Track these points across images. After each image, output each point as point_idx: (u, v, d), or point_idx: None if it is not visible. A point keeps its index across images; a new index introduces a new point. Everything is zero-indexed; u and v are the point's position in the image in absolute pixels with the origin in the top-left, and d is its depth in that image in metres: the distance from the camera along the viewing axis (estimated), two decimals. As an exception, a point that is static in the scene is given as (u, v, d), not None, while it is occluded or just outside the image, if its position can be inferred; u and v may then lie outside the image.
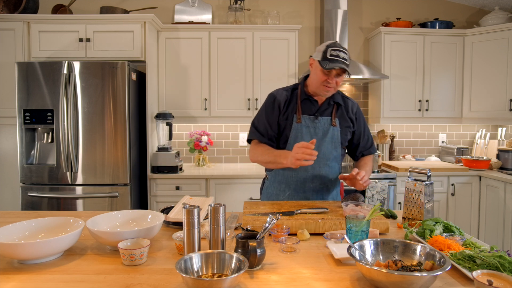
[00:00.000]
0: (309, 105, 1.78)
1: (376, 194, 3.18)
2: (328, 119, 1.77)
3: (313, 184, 1.79)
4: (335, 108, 1.80)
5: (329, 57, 1.62)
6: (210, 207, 1.13)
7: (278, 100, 1.78)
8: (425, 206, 1.48)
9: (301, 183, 1.78)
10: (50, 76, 2.83)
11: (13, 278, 1.04)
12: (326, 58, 1.63)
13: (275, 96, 1.80)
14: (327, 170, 1.79)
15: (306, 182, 1.78)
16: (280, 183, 1.82)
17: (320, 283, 1.01)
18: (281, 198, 1.82)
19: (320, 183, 1.79)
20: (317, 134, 1.75)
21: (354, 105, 1.87)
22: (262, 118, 1.81)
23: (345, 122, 1.81)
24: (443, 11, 3.88)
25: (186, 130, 3.75)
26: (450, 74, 3.60)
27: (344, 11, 3.53)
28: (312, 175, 1.77)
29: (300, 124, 1.74)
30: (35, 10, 3.27)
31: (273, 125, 1.78)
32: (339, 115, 1.80)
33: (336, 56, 1.62)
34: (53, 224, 1.32)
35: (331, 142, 1.76)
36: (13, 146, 3.04)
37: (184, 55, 3.40)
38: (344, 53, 1.63)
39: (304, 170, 1.75)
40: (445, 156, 3.83)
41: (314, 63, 1.71)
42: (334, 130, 1.77)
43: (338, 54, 1.62)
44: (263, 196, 1.92)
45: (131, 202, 2.95)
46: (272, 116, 1.78)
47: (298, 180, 1.78)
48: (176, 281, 1.01)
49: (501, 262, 1.00)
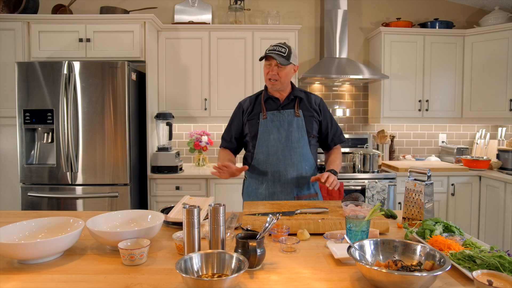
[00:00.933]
0: (272, 103, 1.93)
1: (376, 194, 3.18)
2: (292, 111, 1.91)
3: (287, 172, 1.87)
4: (298, 101, 1.93)
5: (266, 51, 1.83)
6: (210, 207, 1.13)
7: (242, 106, 2.01)
8: (425, 206, 1.48)
9: (276, 173, 1.88)
10: (50, 76, 2.83)
11: (13, 278, 1.04)
12: (265, 53, 1.83)
13: (240, 103, 2.04)
14: (299, 157, 1.88)
15: (281, 171, 1.87)
16: (257, 177, 1.93)
17: (320, 283, 1.01)
18: (260, 191, 1.90)
19: (293, 170, 1.87)
20: (283, 125, 1.88)
21: (317, 98, 2.00)
22: (229, 126, 2.05)
23: (309, 112, 1.93)
24: (443, 11, 3.88)
25: (186, 130, 3.75)
26: (450, 74, 3.60)
27: (344, 11, 3.53)
28: (285, 164, 1.87)
29: (266, 119, 1.89)
30: (35, 10, 3.27)
31: (235, 128, 2.00)
32: (302, 107, 1.93)
33: (271, 50, 1.81)
34: (53, 224, 1.32)
35: (297, 131, 1.88)
36: (13, 146, 3.05)
37: (184, 55, 3.40)
38: (281, 47, 1.82)
39: (277, 160, 1.87)
40: (445, 156, 3.83)
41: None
42: (299, 120, 1.89)
43: (274, 48, 1.82)
44: (245, 195, 2.02)
45: (131, 202, 2.95)
46: (235, 121, 2.01)
47: (273, 170, 1.88)
48: (176, 281, 1.01)
49: (501, 262, 1.00)
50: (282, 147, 1.86)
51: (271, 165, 1.87)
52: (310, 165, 1.92)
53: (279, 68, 1.81)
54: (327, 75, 3.34)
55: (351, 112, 3.90)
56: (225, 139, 2.05)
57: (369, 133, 3.89)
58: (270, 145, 1.87)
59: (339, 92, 3.89)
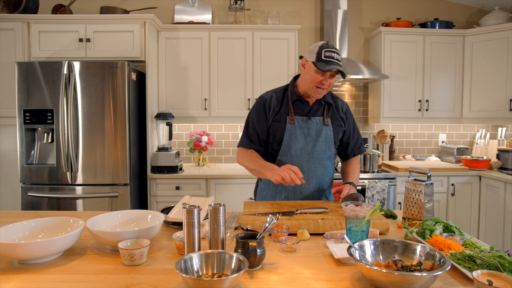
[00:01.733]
0: (301, 106, 1.78)
1: (376, 194, 3.18)
2: (321, 119, 1.78)
3: (309, 185, 1.79)
4: (326, 107, 1.81)
5: (324, 58, 1.62)
6: (210, 207, 1.13)
7: (268, 103, 1.78)
8: (425, 206, 1.48)
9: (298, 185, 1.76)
10: (50, 76, 2.83)
11: (13, 278, 1.04)
12: (321, 59, 1.62)
13: (265, 99, 1.80)
14: (322, 169, 1.80)
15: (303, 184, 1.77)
16: (275, 185, 1.80)
17: (320, 283, 1.01)
18: (278, 200, 1.81)
19: (316, 183, 1.80)
20: (311, 134, 1.76)
21: (343, 105, 1.88)
22: (251, 123, 1.81)
23: (337, 121, 1.82)
24: (443, 11, 3.88)
25: (186, 130, 3.75)
26: (450, 74, 3.60)
27: (344, 11, 3.53)
28: (308, 176, 1.76)
29: (293, 125, 1.74)
30: (35, 10, 3.27)
31: (262, 129, 1.78)
32: (330, 115, 1.81)
33: (331, 58, 1.62)
34: (53, 224, 1.32)
35: (325, 142, 1.77)
36: (13, 146, 3.05)
37: (184, 55, 3.40)
38: (338, 54, 1.65)
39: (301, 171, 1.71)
40: (445, 156, 3.83)
41: (307, 64, 1.69)
42: (327, 130, 1.78)
43: (332, 55, 1.63)
44: (258, 198, 1.91)
45: (131, 202, 2.95)
46: (261, 120, 1.78)
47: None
48: (176, 281, 1.01)
49: (501, 262, 1.00)
50: (308, 158, 1.75)
51: None
52: (330, 176, 1.84)
53: (332, 78, 1.67)
54: (327, 75, 3.33)
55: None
56: (252, 139, 1.80)
57: (369, 133, 3.89)
58: (295, 155, 1.74)
59: (339, 92, 3.89)
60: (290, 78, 3.43)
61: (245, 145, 1.82)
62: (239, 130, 3.80)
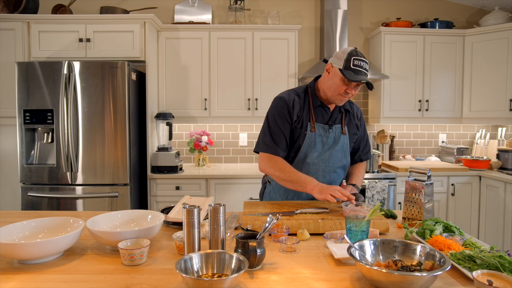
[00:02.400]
0: (322, 112, 1.71)
1: (376, 194, 3.18)
2: (339, 127, 1.73)
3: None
4: (344, 114, 1.76)
5: (353, 67, 1.54)
6: (210, 207, 1.13)
7: (291, 107, 1.67)
8: (425, 206, 1.48)
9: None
10: (50, 76, 2.83)
11: (13, 278, 1.04)
12: (350, 68, 1.54)
13: (287, 102, 1.68)
14: (335, 176, 1.78)
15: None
16: (287, 191, 1.77)
17: (320, 283, 1.01)
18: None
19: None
20: (328, 142, 1.71)
21: (358, 111, 1.85)
22: (275, 126, 1.68)
23: (353, 129, 1.79)
24: (443, 11, 3.87)
25: (186, 130, 3.75)
26: (450, 74, 3.60)
27: (344, 11, 3.53)
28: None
29: (314, 133, 1.68)
30: (35, 10, 3.27)
31: (287, 134, 1.69)
32: (347, 122, 1.77)
33: (360, 67, 1.54)
34: (53, 224, 1.32)
35: (341, 151, 1.74)
36: (13, 146, 3.05)
37: (184, 55, 3.40)
38: (366, 63, 1.57)
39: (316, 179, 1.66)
40: (445, 156, 3.83)
41: (333, 70, 1.61)
42: (344, 138, 1.74)
43: (361, 64, 1.55)
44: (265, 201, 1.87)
45: (131, 202, 2.95)
46: (285, 124, 1.68)
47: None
48: (176, 281, 1.01)
49: (501, 262, 1.00)
50: (324, 166, 1.71)
51: None
52: (340, 183, 1.83)
53: (357, 87, 1.61)
54: (327, 75, 3.33)
55: (351, 112, 3.90)
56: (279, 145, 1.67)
57: (369, 133, 3.89)
58: (312, 163, 1.69)
59: (339, 92, 3.88)
60: (290, 78, 3.43)
61: (272, 151, 1.67)
62: (239, 130, 3.80)
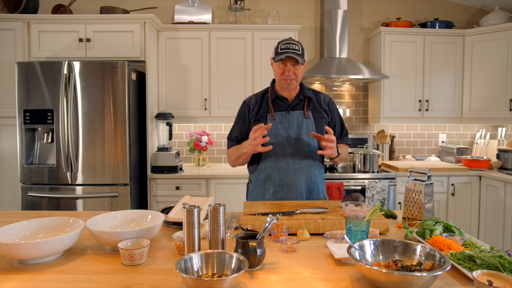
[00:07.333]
0: (280, 103, 1.86)
1: (376, 194, 3.18)
2: (301, 112, 1.83)
3: (297, 177, 1.80)
4: (307, 101, 1.87)
5: (280, 50, 1.72)
6: (210, 207, 1.13)
7: (248, 105, 1.90)
8: (425, 206, 1.48)
9: (285, 177, 1.80)
10: (50, 76, 2.83)
11: (13, 278, 1.04)
12: (277, 52, 1.74)
13: (246, 102, 1.93)
14: (309, 161, 1.82)
15: (290, 176, 1.80)
16: (264, 182, 1.84)
17: (320, 283, 1.01)
18: (267, 197, 1.84)
19: (303, 175, 1.81)
20: (292, 127, 1.80)
21: (326, 97, 1.93)
22: (234, 126, 1.95)
23: (319, 113, 1.86)
24: (443, 11, 3.88)
25: (186, 130, 3.75)
26: (450, 74, 3.60)
27: (344, 11, 3.53)
28: (294, 168, 1.80)
29: (274, 121, 1.81)
30: (35, 10, 3.27)
31: (243, 130, 1.90)
32: (311, 108, 1.86)
33: (285, 48, 1.71)
34: (53, 224, 1.32)
35: (307, 134, 1.81)
36: (13, 146, 3.05)
37: (184, 55, 3.40)
38: (295, 44, 1.72)
39: (286, 164, 1.79)
40: (445, 156, 3.83)
41: (271, 61, 1.81)
42: (308, 122, 1.82)
43: (288, 46, 1.71)
44: (250, 199, 1.93)
45: (131, 202, 2.95)
46: (241, 120, 1.91)
47: (282, 174, 1.80)
48: (176, 281, 1.01)
49: (501, 262, 1.00)
50: (292, 150, 1.79)
51: (280, 169, 1.79)
52: (319, 169, 1.87)
53: (294, 67, 1.74)
54: (327, 75, 3.34)
55: (351, 112, 3.90)
56: (232, 140, 1.94)
57: (369, 133, 3.89)
58: (279, 149, 1.79)
59: (339, 92, 3.89)
60: (290, 78, 3.43)
61: (228, 146, 1.96)
62: (239, 130, 3.79)
